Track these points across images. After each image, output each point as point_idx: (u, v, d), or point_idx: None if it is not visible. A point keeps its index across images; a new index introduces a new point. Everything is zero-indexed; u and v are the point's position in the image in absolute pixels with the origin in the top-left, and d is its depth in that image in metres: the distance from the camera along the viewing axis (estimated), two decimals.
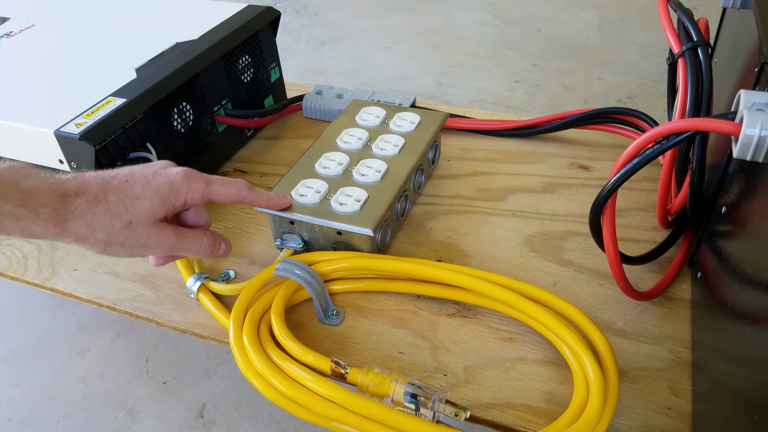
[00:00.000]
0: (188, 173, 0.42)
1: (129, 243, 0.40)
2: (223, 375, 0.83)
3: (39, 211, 0.36)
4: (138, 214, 0.39)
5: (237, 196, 0.45)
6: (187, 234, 0.43)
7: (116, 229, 0.39)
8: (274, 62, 0.70)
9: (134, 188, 0.40)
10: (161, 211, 0.40)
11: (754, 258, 0.31)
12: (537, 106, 1.38)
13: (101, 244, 0.39)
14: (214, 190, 0.43)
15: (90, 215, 0.38)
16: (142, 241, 0.40)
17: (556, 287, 0.49)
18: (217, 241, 0.45)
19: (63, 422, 0.78)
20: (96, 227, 0.38)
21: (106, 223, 0.38)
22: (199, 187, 0.42)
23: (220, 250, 0.46)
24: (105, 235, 0.39)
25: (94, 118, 0.50)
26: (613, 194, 0.40)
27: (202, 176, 0.43)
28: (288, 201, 0.49)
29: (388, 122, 0.59)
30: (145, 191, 0.40)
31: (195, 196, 0.42)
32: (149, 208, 0.40)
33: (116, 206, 0.39)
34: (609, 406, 0.38)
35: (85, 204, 0.38)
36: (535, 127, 0.64)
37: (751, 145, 0.30)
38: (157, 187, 0.40)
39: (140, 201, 0.39)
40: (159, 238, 0.41)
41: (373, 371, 0.40)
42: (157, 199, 0.40)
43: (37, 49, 0.63)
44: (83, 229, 0.38)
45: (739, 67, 0.43)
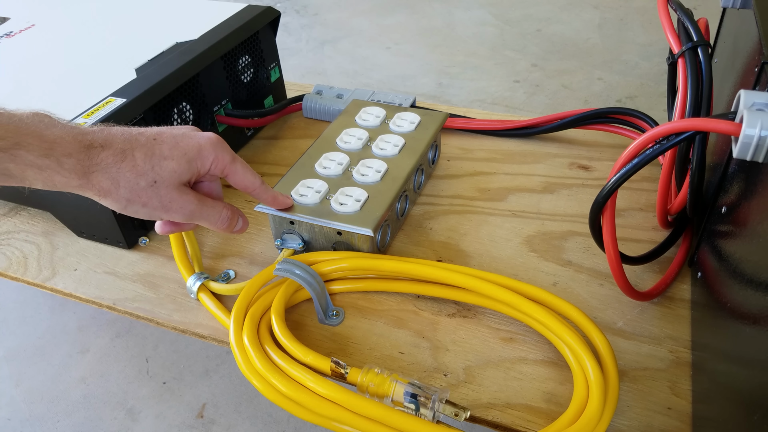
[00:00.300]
0: (217, 140, 0.41)
1: (151, 203, 0.39)
2: (223, 375, 0.83)
3: (63, 161, 0.36)
4: (164, 174, 0.39)
5: (251, 184, 0.44)
6: (208, 203, 0.42)
7: (140, 187, 0.38)
8: (274, 62, 0.70)
9: (162, 147, 0.39)
10: (187, 174, 0.40)
11: (754, 258, 0.31)
12: (537, 106, 1.38)
13: (123, 200, 0.38)
14: (236, 168, 0.43)
15: (115, 170, 0.37)
16: (164, 203, 0.39)
17: (556, 287, 0.49)
18: (236, 215, 0.45)
19: (63, 422, 0.78)
20: (120, 183, 0.37)
21: (131, 180, 0.38)
22: (226, 158, 0.42)
23: (237, 225, 0.45)
24: (128, 192, 0.38)
25: (94, 118, 0.50)
26: (613, 194, 0.40)
27: (229, 149, 0.42)
28: (290, 202, 0.49)
29: (388, 122, 0.59)
30: (173, 152, 0.39)
31: (219, 165, 0.41)
32: (175, 170, 0.39)
33: (143, 164, 0.38)
34: (609, 406, 0.38)
35: (111, 158, 0.37)
36: (535, 127, 0.64)
37: (751, 145, 0.30)
38: (186, 149, 0.40)
39: (167, 161, 0.39)
40: (181, 201, 0.40)
41: (373, 371, 0.40)
42: (185, 162, 0.39)
43: (37, 49, 0.63)
44: (107, 183, 0.37)
45: (739, 67, 0.43)
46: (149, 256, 0.54)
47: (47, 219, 0.59)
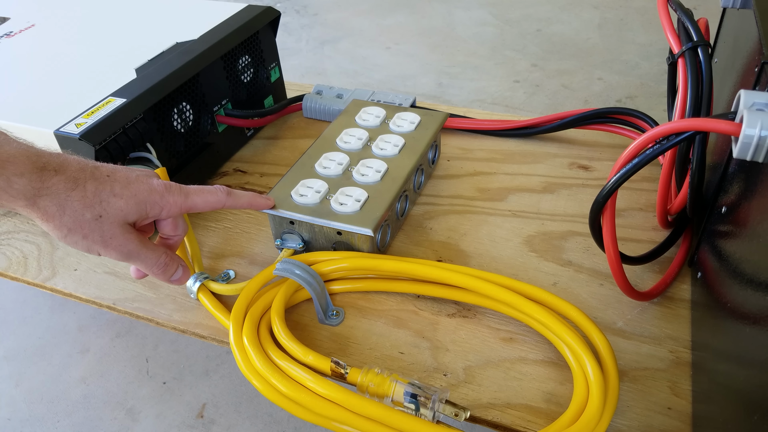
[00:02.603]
0: (168, 187, 0.42)
1: (91, 236, 0.39)
2: (223, 375, 0.83)
3: (13, 180, 0.35)
4: (111, 211, 0.39)
5: (216, 203, 0.45)
6: (148, 246, 0.42)
7: (85, 218, 0.38)
8: (274, 62, 0.70)
9: (114, 185, 0.39)
10: (134, 215, 0.40)
11: (754, 258, 0.31)
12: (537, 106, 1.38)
13: (65, 228, 0.38)
14: (193, 202, 0.43)
15: (64, 197, 0.37)
16: (105, 239, 0.39)
17: (556, 287, 0.49)
18: (174, 263, 0.44)
19: (63, 422, 0.78)
20: (66, 210, 0.37)
21: (78, 210, 0.38)
22: (178, 200, 0.42)
23: (175, 274, 0.45)
24: (71, 221, 0.38)
25: (94, 118, 0.50)
26: (613, 194, 0.40)
27: (180, 189, 0.43)
28: (271, 202, 0.49)
29: (388, 122, 0.59)
30: (124, 191, 0.39)
31: (173, 209, 0.42)
32: (122, 209, 0.39)
33: (92, 196, 0.38)
34: (609, 406, 0.38)
35: (62, 184, 0.37)
36: (535, 127, 0.64)
37: (751, 145, 0.30)
38: (136, 191, 0.40)
39: (116, 199, 0.39)
40: (121, 240, 0.40)
41: (373, 371, 0.40)
42: (133, 203, 0.40)
43: (37, 49, 0.63)
44: (53, 209, 0.37)
45: (739, 67, 0.43)
46: None
47: None
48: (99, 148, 0.48)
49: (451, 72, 1.54)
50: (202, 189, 0.44)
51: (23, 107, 0.53)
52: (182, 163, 0.59)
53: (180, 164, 0.59)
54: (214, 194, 0.44)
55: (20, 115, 0.52)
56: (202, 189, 0.44)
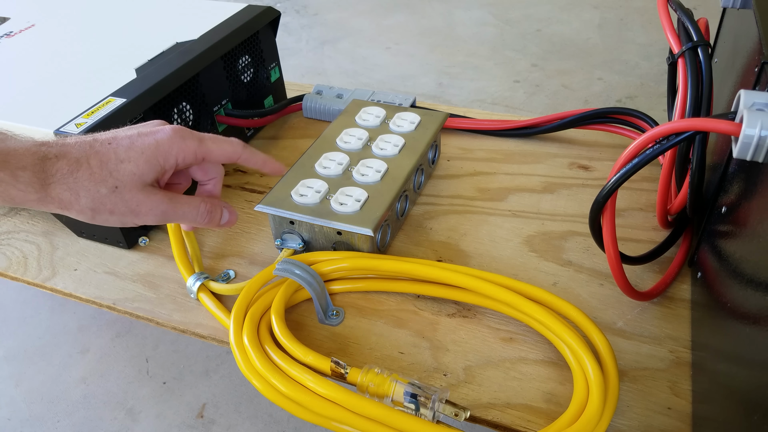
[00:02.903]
0: (177, 131, 0.39)
1: (117, 209, 0.37)
2: (223, 375, 0.83)
3: (18, 174, 0.34)
4: (124, 179, 0.37)
5: (232, 154, 0.42)
6: (182, 200, 0.40)
7: (102, 194, 0.37)
8: (274, 62, 0.70)
9: (118, 151, 0.37)
10: (149, 174, 0.38)
11: (754, 258, 0.31)
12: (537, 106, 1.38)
13: (87, 211, 0.37)
14: (208, 148, 0.40)
15: (72, 179, 0.36)
16: (132, 207, 0.38)
17: (556, 287, 0.49)
18: (217, 208, 0.42)
19: (63, 422, 0.78)
20: (80, 192, 0.36)
21: (91, 189, 0.36)
22: (191, 146, 0.39)
23: (223, 218, 0.43)
24: (90, 201, 0.36)
25: (94, 118, 0.50)
26: (613, 194, 0.40)
27: (193, 134, 0.40)
28: (283, 168, 0.46)
29: (388, 122, 0.59)
30: (129, 153, 0.37)
31: (187, 156, 0.40)
32: (134, 172, 0.37)
33: (99, 170, 0.36)
34: (609, 406, 0.38)
35: (66, 167, 0.36)
36: (535, 127, 0.64)
37: (751, 145, 0.30)
38: (143, 148, 0.38)
39: (125, 164, 0.37)
40: (150, 203, 0.38)
41: (373, 371, 0.40)
42: (143, 162, 0.37)
43: (37, 49, 0.63)
44: (66, 195, 0.36)
45: (739, 67, 0.43)
46: (149, 256, 0.54)
47: (47, 219, 0.59)
48: None
49: (451, 72, 1.54)
50: (217, 137, 0.42)
51: (23, 107, 0.53)
52: None
53: None
54: (230, 144, 0.42)
55: (20, 115, 0.52)
56: (218, 137, 0.42)
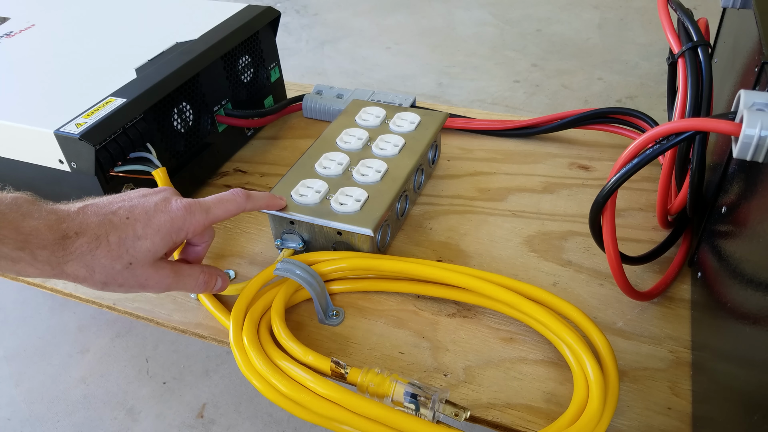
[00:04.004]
0: (189, 208, 0.41)
1: (127, 283, 0.39)
2: (223, 375, 0.83)
3: (36, 254, 0.35)
4: (139, 256, 0.39)
5: (236, 210, 0.45)
6: (184, 272, 0.43)
7: (116, 270, 0.38)
8: (274, 62, 0.70)
9: (136, 227, 0.39)
10: (162, 249, 0.40)
11: (754, 258, 0.31)
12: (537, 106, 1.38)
13: (99, 284, 0.38)
14: (215, 215, 0.43)
15: (90, 257, 0.37)
16: (140, 282, 0.40)
17: (556, 287, 0.49)
18: (213, 278, 0.45)
19: (63, 422, 0.78)
20: (95, 269, 0.37)
21: (106, 265, 0.38)
22: (200, 219, 0.42)
23: (216, 285, 0.45)
24: (104, 276, 0.38)
25: (94, 118, 0.50)
26: (613, 194, 0.40)
27: (200, 207, 0.42)
28: (283, 202, 0.49)
29: (388, 122, 0.59)
30: (146, 231, 0.39)
31: (197, 229, 0.42)
32: (150, 249, 0.39)
33: (117, 248, 0.38)
34: (609, 406, 0.38)
35: (86, 245, 0.37)
36: (535, 127, 0.64)
37: (751, 145, 0.30)
38: (159, 226, 0.40)
39: (141, 241, 0.39)
40: (157, 278, 0.40)
41: (373, 371, 0.40)
42: (159, 239, 0.40)
43: (38, 49, 0.63)
44: (82, 272, 0.37)
45: (739, 67, 0.43)
46: None
47: None
48: (99, 148, 0.48)
49: (451, 72, 1.54)
50: (220, 199, 0.44)
51: (23, 107, 0.53)
52: (182, 163, 0.59)
53: (180, 164, 0.59)
54: (233, 202, 0.44)
55: (20, 115, 0.52)
56: (221, 199, 0.44)
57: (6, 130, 0.52)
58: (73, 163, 0.50)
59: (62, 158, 0.50)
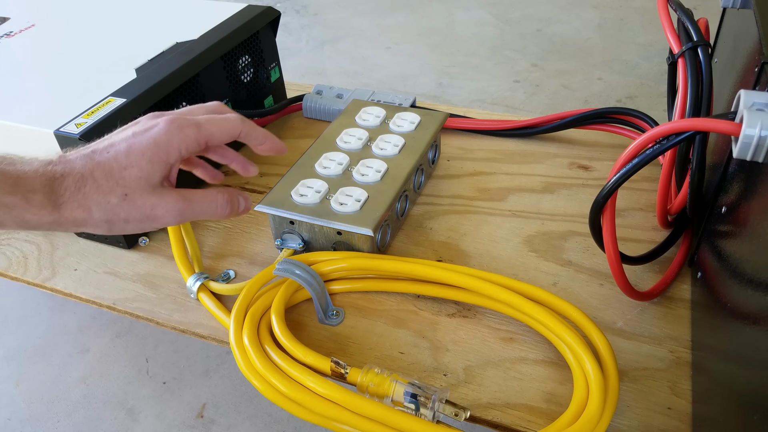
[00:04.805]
0: (173, 122, 0.38)
1: (132, 217, 0.37)
2: (223, 375, 0.83)
3: (30, 198, 0.34)
4: (131, 184, 0.36)
5: (232, 130, 0.40)
6: (197, 196, 0.39)
7: (113, 204, 0.36)
8: (274, 62, 0.70)
9: (118, 157, 0.36)
10: (156, 173, 0.37)
11: (754, 258, 0.31)
12: (537, 106, 1.38)
13: (103, 224, 0.36)
14: (208, 131, 0.39)
15: (81, 196, 0.35)
16: (146, 213, 0.37)
17: (556, 287, 0.49)
18: (235, 197, 0.41)
19: (63, 422, 0.78)
20: (92, 207, 0.36)
21: (101, 201, 0.36)
22: (190, 134, 0.38)
23: (240, 206, 0.42)
24: (104, 214, 0.36)
25: (94, 118, 0.50)
26: (613, 194, 0.40)
27: (189, 120, 0.38)
28: (284, 147, 0.45)
29: (388, 122, 0.59)
30: (130, 158, 0.36)
31: (189, 144, 0.38)
32: (140, 175, 0.36)
33: (105, 181, 0.36)
34: (609, 406, 0.38)
35: (73, 184, 0.35)
36: (535, 127, 0.64)
37: (751, 145, 0.30)
38: (142, 149, 0.36)
39: (128, 170, 0.36)
40: (164, 205, 0.37)
41: (373, 371, 0.40)
42: (146, 163, 0.36)
43: (37, 49, 0.63)
44: (80, 212, 0.36)
45: (739, 67, 0.43)
46: (149, 256, 0.54)
47: None
48: None
49: (451, 72, 1.54)
50: (214, 117, 0.40)
51: (23, 107, 0.53)
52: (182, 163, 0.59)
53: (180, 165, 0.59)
54: (228, 121, 0.40)
55: (20, 115, 0.52)
56: (214, 117, 0.40)
57: (6, 130, 0.52)
58: None
59: None
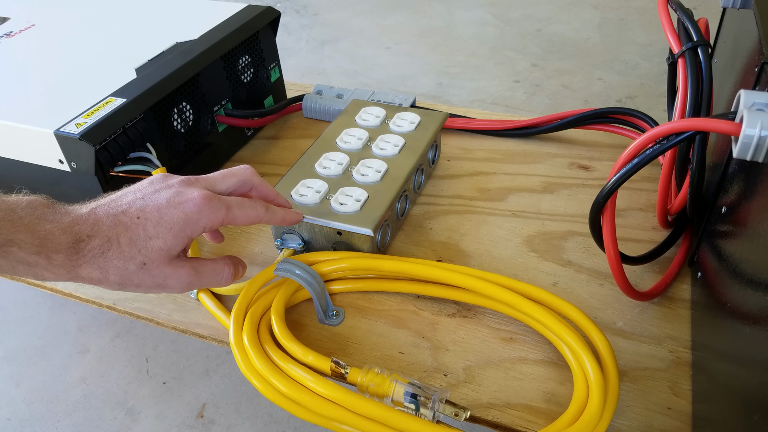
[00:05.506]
0: (207, 201, 0.39)
1: (144, 284, 0.38)
2: (223, 375, 0.83)
3: (52, 258, 0.35)
4: (152, 255, 0.38)
5: (255, 218, 0.42)
6: (206, 268, 0.41)
7: (130, 271, 0.37)
8: (274, 62, 0.70)
9: (146, 226, 0.38)
10: (177, 247, 0.39)
11: (754, 258, 0.31)
12: (537, 106, 1.38)
13: (115, 285, 0.38)
14: (234, 216, 0.41)
15: (103, 259, 0.36)
16: (158, 282, 0.38)
17: (556, 287, 0.49)
18: (238, 268, 0.44)
19: (63, 422, 0.78)
20: (109, 270, 0.37)
21: (120, 266, 0.37)
22: (219, 216, 0.40)
23: (239, 274, 0.44)
24: (119, 278, 0.37)
25: (94, 118, 0.50)
26: (613, 194, 0.40)
27: (221, 202, 0.40)
28: (300, 217, 0.47)
29: (388, 122, 0.59)
30: (158, 229, 0.38)
31: (214, 225, 0.40)
32: (162, 248, 0.38)
33: (129, 248, 0.37)
34: (609, 406, 0.38)
35: (98, 248, 0.36)
36: (535, 127, 0.64)
37: (751, 145, 0.30)
38: (171, 223, 0.38)
39: (153, 241, 0.38)
40: (176, 277, 0.39)
41: (373, 371, 0.40)
42: (171, 237, 0.38)
43: (37, 49, 0.63)
44: (96, 273, 0.37)
45: (739, 67, 0.43)
46: None
47: None
48: (99, 148, 0.48)
49: (451, 72, 1.54)
50: (242, 202, 0.42)
51: (23, 107, 0.53)
52: (182, 163, 0.59)
53: (180, 164, 0.59)
54: (254, 209, 0.42)
55: (20, 115, 0.52)
56: (242, 202, 0.42)
57: (6, 130, 0.52)
58: (73, 163, 0.50)
59: (62, 158, 0.50)
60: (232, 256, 0.44)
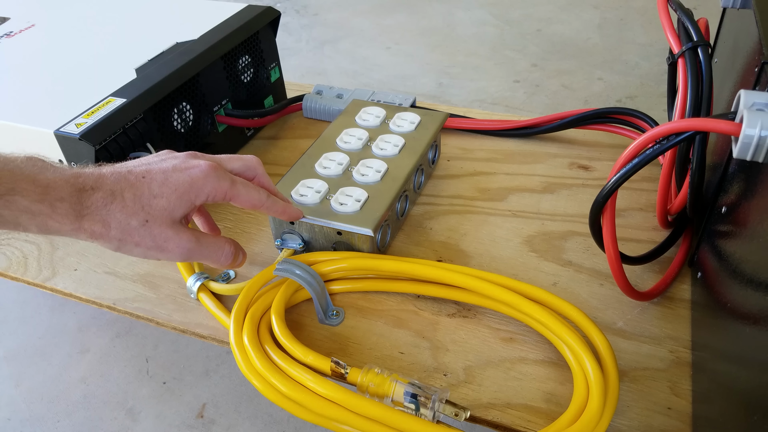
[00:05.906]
0: (214, 169, 0.40)
1: (144, 242, 0.38)
2: (223, 375, 0.83)
3: (56, 206, 0.35)
4: (155, 213, 0.38)
5: (257, 202, 0.42)
6: (207, 240, 0.41)
7: (132, 227, 0.37)
8: (274, 62, 0.70)
9: (152, 185, 0.38)
10: (180, 210, 0.39)
11: (754, 258, 0.31)
12: (537, 106, 1.38)
13: (115, 240, 0.37)
14: (238, 192, 0.41)
15: (105, 211, 0.37)
16: (158, 243, 0.38)
17: (556, 287, 0.49)
18: (238, 250, 0.44)
19: (63, 422, 0.78)
20: (111, 224, 0.37)
21: (122, 220, 0.37)
22: (223, 186, 0.40)
23: (239, 259, 0.44)
24: (119, 233, 0.37)
25: (94, 118, 0.50)
26: (613, 194, 0.40)
27: (227, 174, 0.40)
28: (301, 214, 0.48)
29: (388, 122, 0.59)
30: (162, 189, 0.38)
31: (217, 195, 0.40)
32: (166, 207, 0.38)
33: (132, 204, 0.37)
34: (609, 406, 0.38)
35: (101, 200, 0.37)
36: (535, 127, 0.64)
37: (751, 145, 0.30)
38: (176, 185, 0.38)
39: (157, 199, 0.38)
40: (177, 241, 0.39)
41: (373, 371, 0.40)
42: (175, 198, 0.38)
43: (37, 49, 0.63)
44: (98, 227, 0.37)
45: (739, 67, 0.43)
46: None
47: None
48: (99, 148, 0.48)
49: (451, 72, 1.54)
50: (246, 182, 0.42)
51: (23, 107, 0.53)
52: None
53: None
54: (257, 192, 0.42)
55: (20, 115, 0.52)
56: (247, 183, 0.42)
57: (6, 130, 0.52)
58: (73, 163, 0.50)
59: (62, 158, 0.50)
60: (234, 240, 0.44)
